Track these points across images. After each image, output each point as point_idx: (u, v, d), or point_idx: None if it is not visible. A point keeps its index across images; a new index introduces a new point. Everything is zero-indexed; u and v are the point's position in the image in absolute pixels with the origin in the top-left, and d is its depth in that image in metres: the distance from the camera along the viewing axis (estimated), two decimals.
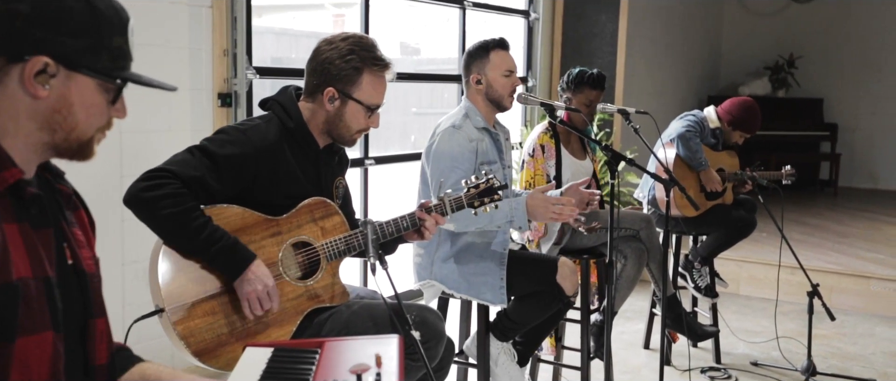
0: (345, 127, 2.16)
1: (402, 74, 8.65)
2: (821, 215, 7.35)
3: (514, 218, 2.69)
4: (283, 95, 2.20)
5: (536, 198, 2.69)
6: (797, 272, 4.31)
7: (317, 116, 2.18)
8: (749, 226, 4.03)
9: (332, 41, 2.16)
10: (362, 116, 2.17)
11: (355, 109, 2.15)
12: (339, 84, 2.13)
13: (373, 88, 2.15)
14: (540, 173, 3.42)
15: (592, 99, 3.50)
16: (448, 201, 2.25)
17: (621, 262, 3.44)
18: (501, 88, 2.88)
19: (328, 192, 2.22)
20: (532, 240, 3.41)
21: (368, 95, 2.15)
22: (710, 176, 3.93)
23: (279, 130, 2.11)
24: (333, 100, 2.15)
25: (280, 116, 2.14)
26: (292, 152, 2.13)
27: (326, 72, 2.13)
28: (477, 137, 2.84)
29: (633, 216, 3.48)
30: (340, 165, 2.34)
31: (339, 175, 2.31)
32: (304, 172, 2.15)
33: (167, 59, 3.61)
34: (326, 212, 2.14)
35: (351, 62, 2.11)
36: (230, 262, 1.93)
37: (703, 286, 4.11)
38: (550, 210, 2.66)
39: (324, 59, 2.13)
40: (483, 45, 2.90)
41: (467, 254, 2.84)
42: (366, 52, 2.13)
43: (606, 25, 6.26)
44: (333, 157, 2.27)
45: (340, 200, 2.29)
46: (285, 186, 2.09)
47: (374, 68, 2.14)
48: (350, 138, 2.20)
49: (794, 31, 9.17)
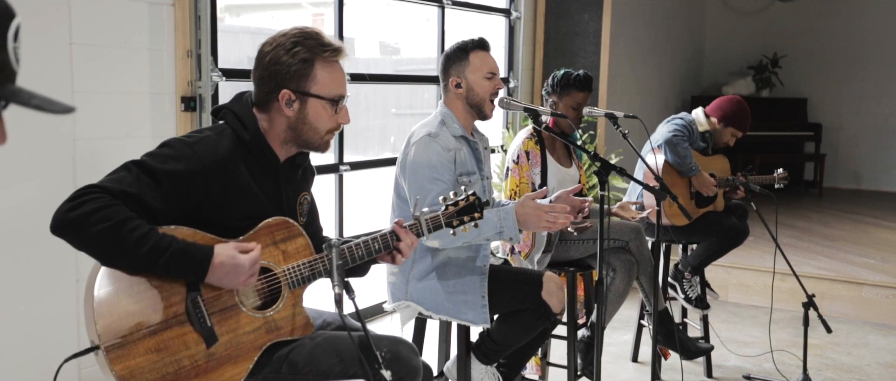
0: (312, 130, 1.93)
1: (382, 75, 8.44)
2: (807, 217, 7.23)
3: (504, 229, 2.48)
4: (237, 102, 1.97)
5: (527, 206, 2.49)
6: (788, 278, 4.16)
7: (276, 126, 1.96)
8: (741, 234, 3.86)
9: (273, 40, 1.92)
10: (327, 112, 1.94)
11: (317, 106, 1.93)
12: (292, 83, 1.90)
13: (330, 77, 1.93)
14: (525, 181, 3.24)
15: (580, 101, 3.32)
16: (424, 221, 2.03)
17: (610, 275, 3.26)
18: (483, 91, 2.68)
19: (291, 210, 2.00)
20: (519, 252, 3.22)
21: (327, 87, 1.93)
22: (704, 180, 3.76)
23: (233, 143, 1.88)
24: (291, 103, 1.92)
25: (234, 126, 1.91)
26: (248, 167, 1.90)
27: (275, 74, 1.90)
28: (455, 146, 2.64)
29: (622, 227, 3.29)
30: (305, 178, 2.12)
31: (303, 190, 2.08)
32: (263, 189, 1.92)
33: (125, 62, 3.38)
34: (289, 233, 1.91)
35: (298, 55, 1.89)
36: (187, 266, 1.71)
37: (694, 297, 3.94)
38: (543, 218, 2.46)
39: (269, 61, 1.90)
40: (462, 46, 2.69)
41: (445, 271, 2.64)
42: (312, 41, 1.90)
43: (589, 24, 6.08)
44: (296, 170, 2.04)
45: (306, 217, 2.07)
46: (241, 205, 1.86)
47: (325, 55, 1.91)
48: (321, 142, 1.96)
49: (777, 30, 9.07)
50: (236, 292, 1.82)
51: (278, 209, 1.94)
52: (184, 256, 1.70)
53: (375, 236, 1.98)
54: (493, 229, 2.49)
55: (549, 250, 3.17)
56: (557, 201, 2.74)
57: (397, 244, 1.99)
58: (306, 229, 2.01)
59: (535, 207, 2.48)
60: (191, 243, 1.72)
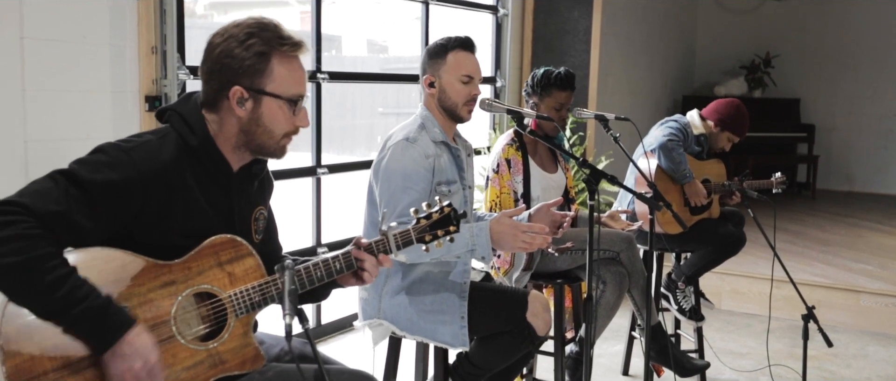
0: (266, 133, 1.71)
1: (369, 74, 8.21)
2: (801, 220, 7.07)
3: (476, 247, 2.27)
4: (184, 103, 1.74)
5: (503, 224, 2.28)
6: (784, 286, 3.97)
7: (227, 128, 1.72)
8: (738, 243, 3.67)
9: (224, 31, 1.69)
10: (284, 113, 1.71)
11: (273, 106, 1.70)
12: (245, 79, 1.68)
13: (288, 74, 1.70)
14: (506, 191, 3.03)
15: (562, 102, 3.12)
16: (393, 237, 1.80)
17: (599, 288, 3.06)
18: (456, 95, 2.47)
19: (245, 226, 1.78)
20: (498, 268, 3.02)
21: (285, 85, 1.70)
22: (696, 189, 3.56)
23: (177, 149, 1.65)
24: (243, 101, 1.69)
25: (180, 129, 1.69)
26: (195, 177, 1.67)
27: (226, 68, 1.67)
28: (434, 153, 2.44)
29: (612, 236, 3.09)
30: (262, 191, 1.89)
31: (260, 204, 1.86)
32: (213, 202, 1.70)
33: (84, 58, 3.16)
34: (237, 253, 1.68)
35: (253, 48, 1.66)
36: (97, 329, 1.47)
37: (688, 309, 3.75)
38: (519, 238, 2.26)
39: (219, 54, 1.67)
40: (442, 43, 2.48)
41: (422, 287, 2.44)
42: (269, 33, 1.68)
43: (579, 22, 5.89)
44: (252, 181, 1.82)
45: (262, 235, 1.85)
46: (184, 221, 1.64)
47: (284, 49, 1.69)
48: (276, 146, 1.73)
49: (770, 29, 8.92)
50: (174, 320, 1.60)
51: (229, 226, 1.72)
52: (99, 318, 1.47)
53: (337, 255, 1.76)
54: (464, 245, 2.29)
55: (530, 268, 2.97)
56: (537, 214, 2.54)
57: (362, 264, 1.78)
58: (263, 247, 1.80)
59: (512, 225, 2.28)
60: (112, 307, 1.49)
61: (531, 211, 2.58)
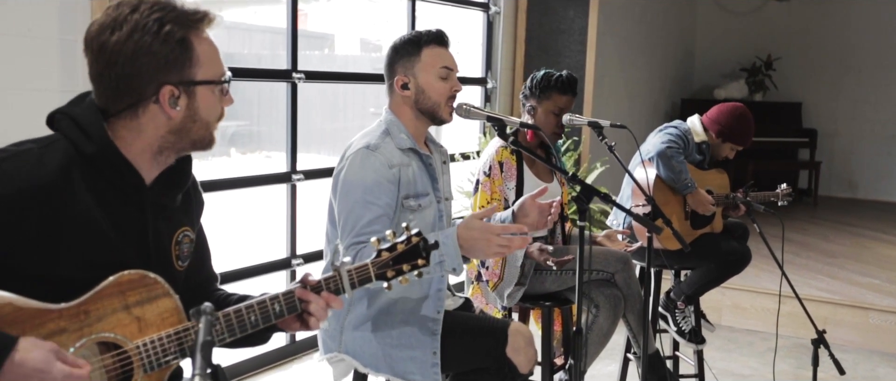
0: (203, 126, 1.48)
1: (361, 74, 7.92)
2: (803, 229, 6.81)
3: (445, 257, 1.96)
4: (77, 104, 1.46)
5: (472, 229, 1.95)
6: (789, 301, 3.69)
7: (145, 136, 1.44)
8: (742, 260, 3.39)
9: (119, 22, 1.39)
10: (216, 97, 1.49)
11: (207, 94, 1.47)
12: (174, 75, 1.42)
13: (211, 52, 1.47)
14: (498, 197, 2.77)
15: (562, 106, 2.85)
16: (346, 273, 1.51)
17: (592, 312, 2.79)
18: (436, 93, 2.19)
19: (162, 252, 1.49)
20: (487, 281, 2.75)
21: (213, 66, 1.47)
22: (700, 198, 3.29)
23: (67, 159, 1.37)
24: (176, 100, 1.43)
25: (72, 135, 1.39)
26: (93, 193, 1.39)
27: (145, 69, 1.39)
28: (400, 162, 2.15)
29: (607, 256, 2.82)
30: (187, 208, 1.59)
31: (184, 225, 1.56)
32: (118, 224, 1.41)
33: (28, 54, 2.89)
34: (149, 294, 1.38)
35: (173, 37, 1.41)
36: None
37: (687, 331, 3.47)
38: (493, 243, 1.93)
39: (132, 54, 1.38)
40: (413, 38, 2.20)
41: (389, 318, 2.15)
42: (177, 12, 1.43)
43: (575, 21, 5.62)
44: (172, 195, 1.53)
45: (186, 261, 1.55)
46: (79, 248, 1.36)
47: (200, 28, 1.46)
48: (211, 137, 1.51)
49: (771, 30, 8.67)
50: None
51: (141, 252, 1.43)
52: None
53: (277, 295, 1.47)
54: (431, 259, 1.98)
55: (523, 284, 2.70)
56: (521, 211, 2.25)
57: (306, 306, 1.49)
58: (190, 278, 1.52)
59: (483, 229, 1.94)
60: None
61: (514, 207, 2.29)
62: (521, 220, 2.24)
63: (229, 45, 14.02)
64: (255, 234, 7.49)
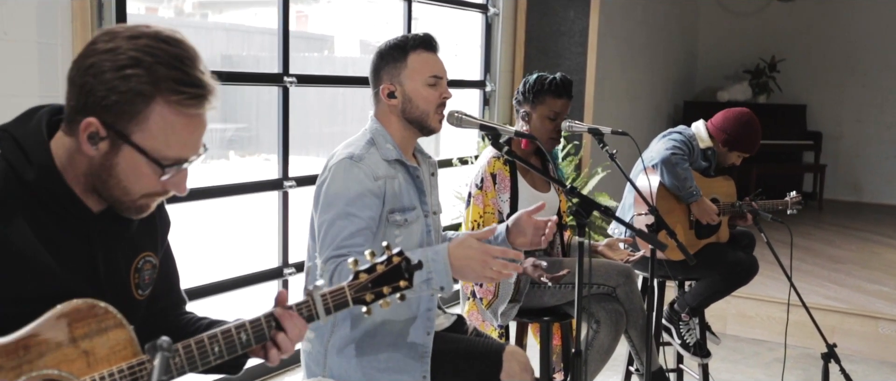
0: (118, 187, 1.29)
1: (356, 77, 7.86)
2: (809, 234, 6.68)
3: (433, 276, 1.84)
4: (23, 122, 1.32)
5: (468, 248, 1.82)
6: (795, 310, 3.56)
7: (77, 163, 1.29)
8: (749, 270, 3.27)
9: (113, 36, 1.24)
10: (148, 172, 1.28)
11: (136, 161, 1.27)
12: (107, 114, 1.24)
13: (172, 130, 1.26)
14: (490, 210, 2.64)
15: (558, 110, 2.73)
16: (319, 298, 1.38)
17: (592, 327, 2.67)
18: (425, 101, 2.06)
19: (118, 282, 1.36)
20: (481, 298, 2.63)
21: (162, 143, 1.26)
22: (705, 207, 3.17)
23: (4, 183, 1.25)
24: (96, 139, 1.25)
25: (11, 158, 1.26)
26: (32, 222, 1.26)
27: (87, 89, 1.23)
28: (385, 174, 2.02)
29: (608, 268, 2.70)
30: (149, 230, 1.44)
31: (146, 249, 1.43)
32: (62, 255, 1.29)
33: (5, 58, 2.77)
34: (98, 325, 1.24)
35: (131, 82, 1.22)
36: None
37: (692, 344, 3.35)
38: (488, 266, 1.81)
39: (88, 67, 1.24)
40: (399, 43, 2.07)
41: (375, 340, 2.03)
42: (163, 68, 1.23)
43: (575, 22, 5.50)
44: (127, 222, 1.37)
45: (148, 289, 1.43)
46: (16, 281, 1.23)
47: (178, 97, 1.24)
48: (132, 205, 1.31)
49: (775, 32, 8.55)
50: None
51: (92, 284, 1.30)
52: None
53: (243, 323, 1.34)
54: (418, 276, 1.84)
55: (518, 300, 2.58)
56: (516, 227, 2.13)
57: (275, 335, 1.36)
58: (153, 305, 1.40)
59: (481, 249, 1.81)
60: None
61: (509, 223, 2.17)
62: (515, 236, 2.12)
63: (228, 47, 13.96)
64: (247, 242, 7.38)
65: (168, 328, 1.39)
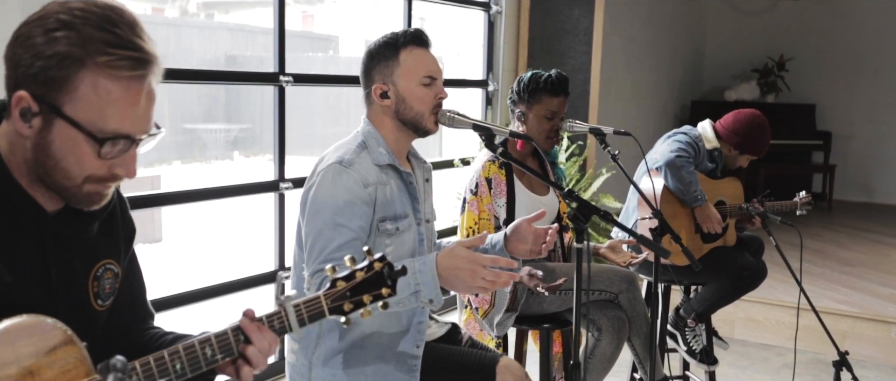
0: (58, 170, 1.18)
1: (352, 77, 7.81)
2: (818, 235, 6.56)
3: (421, 287, 1.74)
4: None
5: (457, 257, 1.72)
6: (805, 314, 3.45)
7: (17, 151, 1.19)
8: (757, 275, 3.17)
9: (47, 6, 1.15)
10: (87, 150, 1.17)
11: (70, 136, 1.16)
12: (36, 85, 1.14)
13: (108, 99, 1.15)
14: (486, 216, 2.54)
15: (554, 109, 2.62)
16: (292, 309, 1.28)
17: (594, 335, 2.57)
18: (419, 102, 1.96)
19: (76, 292, 1.26)
20: (477, 308, 2.53)
21: (96, 114, 1.15)
22: (708, 214, 3.06)
23: None
24: (28, 115, 1.15)
25: None
26: None
27: (16, 61, 1.14)
28: (376, 180, 1.92)
29: (610, 274, 2.60)
30: (111, 235, 1.33)
31: (107, 256, 1.32)
32: (12, 262, 1.18)
33: None
34: (46, 343, 1.13)
35: (60, 44, 1.12)
36: None
37: (698, 350, 3.24)
38: (479, 275, 1.70)
39: (17, 37, 1.15)
40: (390, 40, 1.97)
41: (362, 352, 1.94)
42: (95, 29, 1.13)
43: (580, 21, 5.40)
44: (86, 223, 1.28)
45: (109, 300, 1.33)
46: None
47: (109, 58, 1.13)
48: (76, 190, 1.19)
49: (783, 30, 8.42)
50: None
51: (47, 292, 1.21)
52: None
53: (208, 337, 1.24)
54: (405, 289, 1.74)
55: (514, 310, 2.48)
56: (515, 234, 2.03)
57: (244, 349, 1.27)
58: (116, 319, 1.30)
59: (470, 259, 1.70)
60: None
61: (508, 230, 2.08)
62: (514, 245, 2.03)
63: (232, 47, 13.89)
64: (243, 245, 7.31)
65: (131, 343, 1.30)
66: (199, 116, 13.33)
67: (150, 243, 7.36)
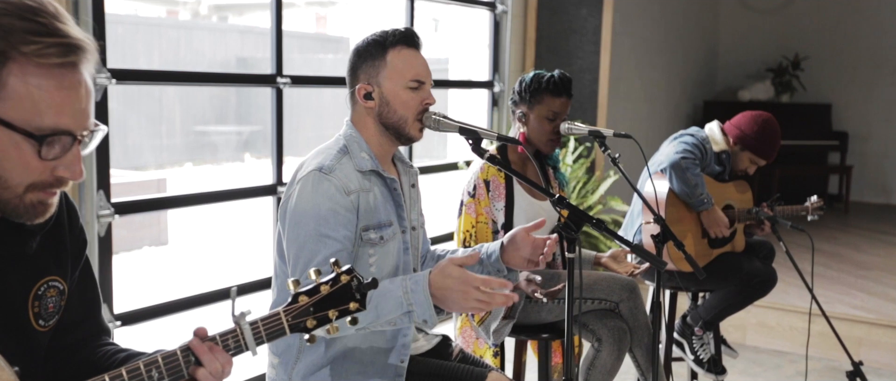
0: None
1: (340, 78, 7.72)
2: (834, 238, 6.41)
3: (414, 307, 1.66)
4: None
5: (448, 276, 1.64)
6: (820, 319, 3.34)
7: None
8: (767, 282, 3.06)
9: None
10: (26, 152, 1.08)
11: (4, 138, 1.07)
12: None
13: (38, 91, 1.06)
14: (483, 220, 2.45)
15: (556, 110, 2.53)
16: (248, 328, 1.20)
17: (594, 346, 2.47)
18: (403, 106, 1.86)
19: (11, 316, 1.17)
20: (472, 316, 2.44)
21: (30, 109, 1.07)
22: (715, 218, 2.96)
23: None
24: None
25: None
26: None
27: None
28: (358, 187, 1.83)
29: (611, 282, 2.50)
30: (57, 252, 1.25)
31: (50, 273, 1.23)
32: None
33: None
34: None
35: None
36: None
37: (706, 359, 3.14)
38: (471, 296, 1.62)
39: None
40: (377, 39, 1.88)
41: (344, 367, 1.85)
42: (16, 19, 1.04)
43: (588, 21, 5.30)
44: (24, 237, 1.19)
45: (52, 321, 1.24)
46: None
47: (34, 48, 1.05)
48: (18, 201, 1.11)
49: (798, 29, 8.27)
50: None
51: None
52: None
53: (154, 358, 1.15)
54: (397, 308, 1.66)
55: (512, 317, 2.39)
56: (511, 244, 1.94)
57: (194, 371, 1.18)
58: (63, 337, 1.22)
59: (461, 278, 1.62)
60: None
61: (504, 239, 1.99)
62: (511, 255, 1.93)
63: (243, 49, 13.89)
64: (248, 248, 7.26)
65: (80, 363, 1.22)
66: (210, 117, 13.33)
67: (156, 246, 7.33)
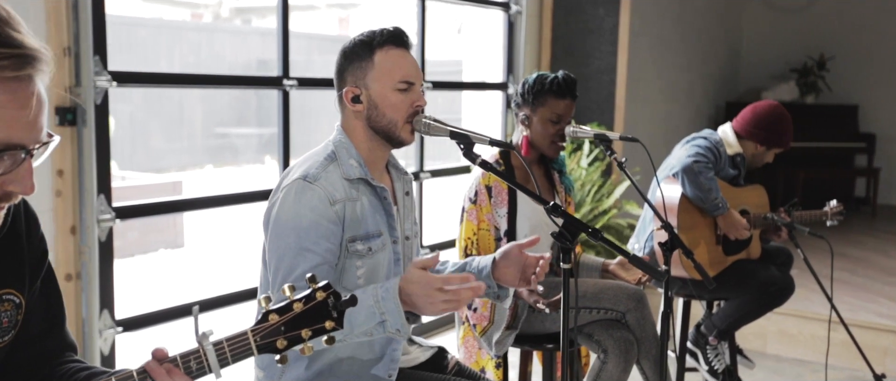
0: None
1: None
2: (860, 242, 6.24)
3: (386, 316, 1.59)
4: None
5: (410, 282, 1.57)
6: (840, 328, 3.21)
7: None
8: (784, 290, 2.94)
9: None
10: None
11: None
12: None
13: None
14: (485, 227, 2.38)
15: (560, 112, 2.44)
16: (211, 349, 1.13)
17: (599, 357, 2.38)
18: (392, 109, 1.79)
19: None
20: (475, 325, 2.36)
21: None
22: (733, 221, 2.85)
23: None
24: None
25: None
26: None
27: None
28: (345, 196, 1.76)
29: (617, 291, 2.41)
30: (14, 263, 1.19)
31: (6, 286, 1.17)
32: None
33: None
34: None
35: None
36: None
37: (721, 370, 3.03)
38: (435, 298, 1.54)
39: None
40: (365, 39, 1.81)
41: (331, 379, 1.78)
42: None
43: (605, 21, 5.20)
44: None
45: (6, 335, 1.17)
46: None
47: None
48: None
49: (824, 28, 8.08)
50: None
51: None
52: None
53: (110, 379, 1.09)
54: (371, 318, 1.58)
55: (514, 327, 2.31)
56: (503, 260, 1.86)
57: None
58: (24, 351, 1.16)
59: (422, 281, 1.56)
60: None
61: (497, 255, 1.90)
62: (503, 270, 1.85)
63: (263, 51, 13.93)
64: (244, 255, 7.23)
65: (40, 380, 1.16)
66: (231, 120, 13.37)
67: (172, 248, 7.33)
